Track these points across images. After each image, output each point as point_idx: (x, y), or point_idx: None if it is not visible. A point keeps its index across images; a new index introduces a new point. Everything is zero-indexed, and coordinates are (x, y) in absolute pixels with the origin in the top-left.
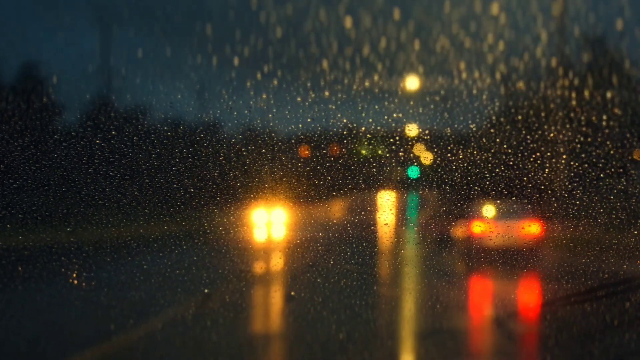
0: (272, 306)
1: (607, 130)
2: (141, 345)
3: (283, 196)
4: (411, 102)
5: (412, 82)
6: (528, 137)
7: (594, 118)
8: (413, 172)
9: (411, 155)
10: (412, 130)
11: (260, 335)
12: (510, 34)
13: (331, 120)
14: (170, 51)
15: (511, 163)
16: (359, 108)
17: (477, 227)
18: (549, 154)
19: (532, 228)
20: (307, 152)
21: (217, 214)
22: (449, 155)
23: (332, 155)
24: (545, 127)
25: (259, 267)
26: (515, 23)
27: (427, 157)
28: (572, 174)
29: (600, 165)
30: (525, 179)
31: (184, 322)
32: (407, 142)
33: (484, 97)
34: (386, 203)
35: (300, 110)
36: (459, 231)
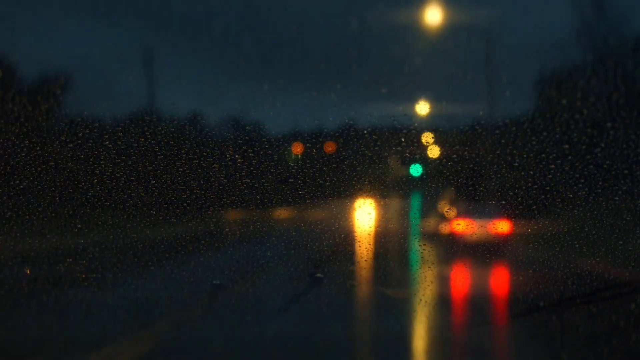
0: None
1: (612, 131)
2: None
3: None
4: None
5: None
6: (533, 137)
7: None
8: (416, 170)
9: (414, 152)
10: (418, 116)
11: None
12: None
13: (329, 119)
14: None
15: (516, 164)
16: (357, 104)
17: (481, 227)
18: (554, 154)
19: (536, 229)
20: (299, 149)
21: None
22: (454, 153)
23: (329, 152)
24: (551, 127)
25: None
26: (526, 23)
27: (430, 155)
28: (578, 175)
29: (606, 166)
30: (530, 179)
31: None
32: (410, 139)
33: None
34: (386, 203)
35: (291, 104)
36: (468, 231)
